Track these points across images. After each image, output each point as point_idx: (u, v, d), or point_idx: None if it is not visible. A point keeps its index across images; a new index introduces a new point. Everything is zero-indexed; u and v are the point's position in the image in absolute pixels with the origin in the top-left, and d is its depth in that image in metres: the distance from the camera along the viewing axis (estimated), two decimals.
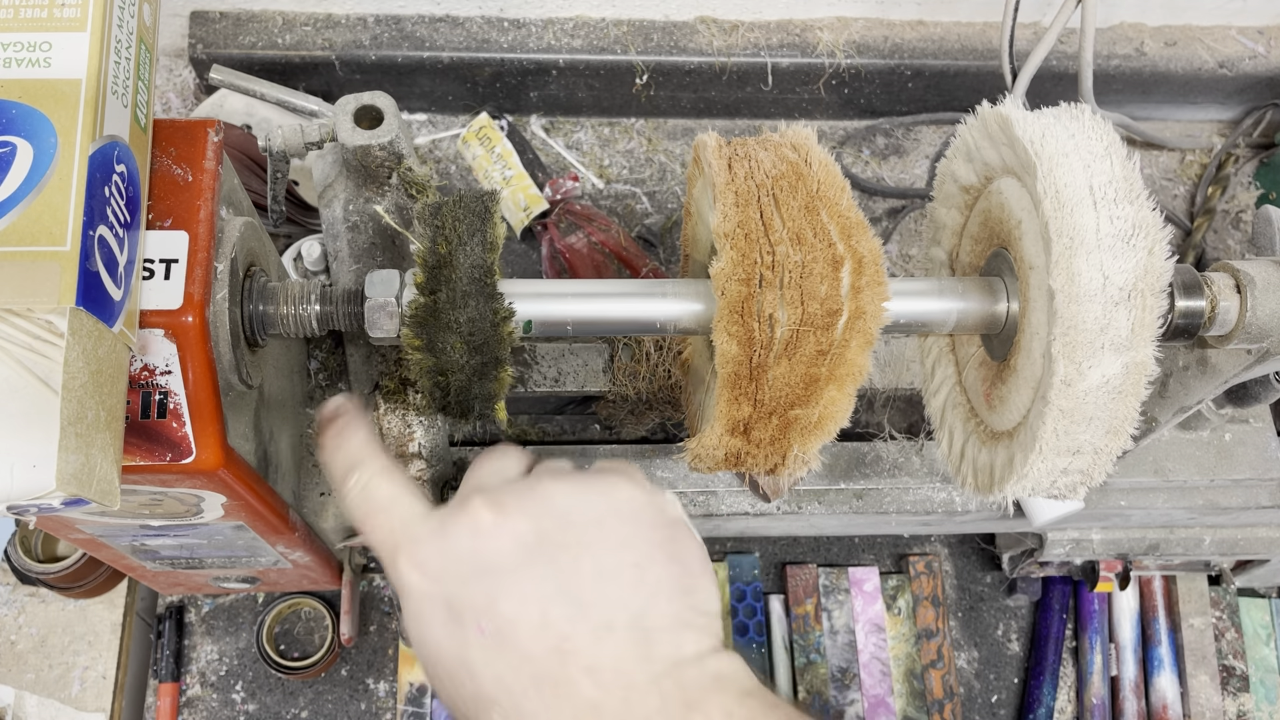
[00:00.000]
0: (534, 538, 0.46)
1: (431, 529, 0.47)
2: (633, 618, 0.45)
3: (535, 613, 0.44)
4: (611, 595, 0.45)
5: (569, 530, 0.47)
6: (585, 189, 1.13)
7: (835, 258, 0.52)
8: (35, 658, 0.96)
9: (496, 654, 0.44)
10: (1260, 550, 0.95)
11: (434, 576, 0.46)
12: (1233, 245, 1.14)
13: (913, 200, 1.14)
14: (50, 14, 0.50)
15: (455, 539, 0.46)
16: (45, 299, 0.46)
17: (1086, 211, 0.51)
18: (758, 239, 0.52)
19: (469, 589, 0.45)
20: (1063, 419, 0.52)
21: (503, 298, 0.56)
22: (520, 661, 0.44)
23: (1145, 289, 0.50)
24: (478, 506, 0.47)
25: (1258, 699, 1.06)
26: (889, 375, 0.82)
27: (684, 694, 0.44)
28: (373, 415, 0.73)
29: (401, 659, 1.01)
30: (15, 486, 0.45)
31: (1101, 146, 0.52)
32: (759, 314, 0.51)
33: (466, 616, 0.45)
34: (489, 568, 0.45)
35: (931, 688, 1.03)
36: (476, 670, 0.44)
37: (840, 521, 0.85)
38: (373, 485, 0.50)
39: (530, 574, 0.45)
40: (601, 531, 0.47)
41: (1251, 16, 1.13)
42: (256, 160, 0.98)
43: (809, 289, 0.51)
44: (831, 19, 1.12)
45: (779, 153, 0.55)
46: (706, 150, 0.56)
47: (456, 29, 1.08)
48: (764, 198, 0.53)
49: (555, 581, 0.45)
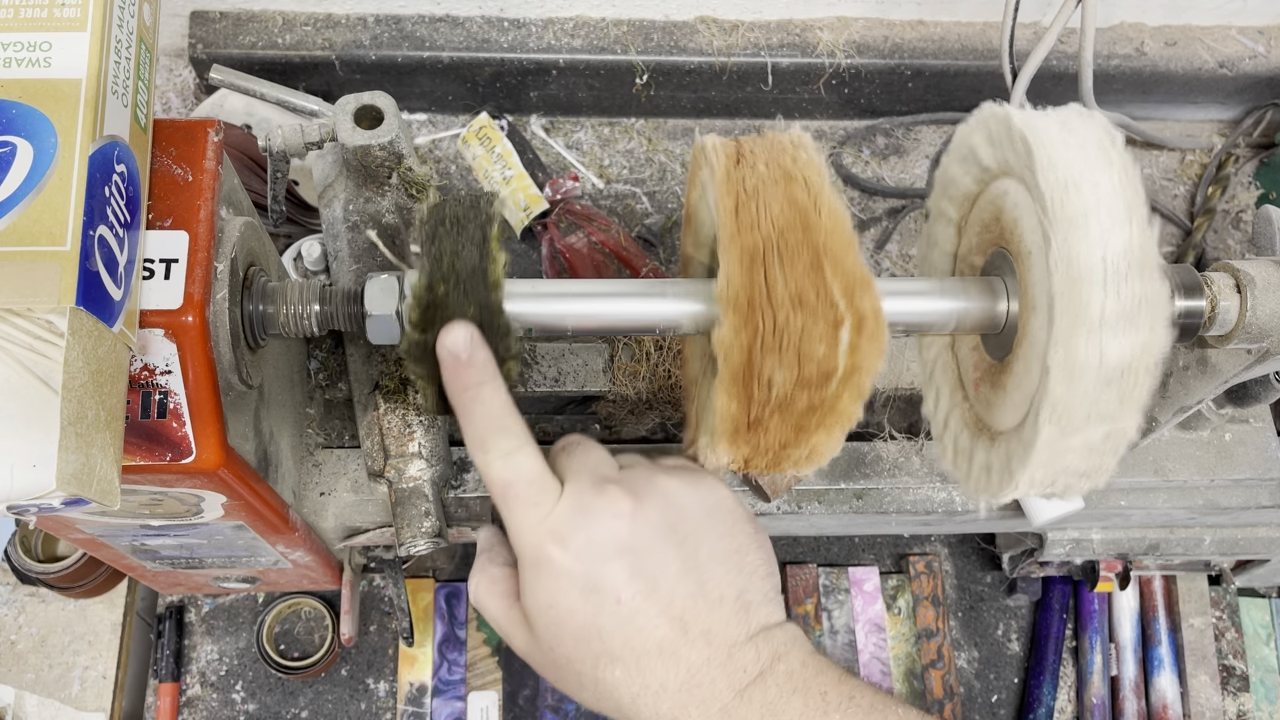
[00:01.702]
0: (664, 526, 0.55)
1: (574, 509, 0.54)
2: (738, 593, 0.55)
3: (666, 589, 0.53)
4: (721, 575, 0.55)
5: (688, 520, 0.56)
6: (585, 189, 1.13)
7: (836, 319, 0.53)
8: (35, 657, 0.96)
9: (628, 621, 0.53)
10: (1260, 550, 0.95)
11: (576, 553, 0.53)
12: (1233, 245, 1.14)
13: (913, 200, 1.14)
14: (50, 14, 0.50)
15: (599, 522, 0.54)
16: (45, 299, 0.46)
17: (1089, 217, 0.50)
18: (760, 305, 0.53)
19: (610, 566, 0.53)
20: (1062, 418, 0.52)
21: (510, 338, 0.56)
22: (650, 629, 0.53)
23: (1143, 269, 0.50)
24: (617, 495, 0.54)
25: (1258, 699, 1.06)
26: (889, 375, 0.82)
27: (773, 648, 0.55)
28: (372, 415, 0.73)
29: (401, 659, 1.01)
30: (15, 486, 0.45)
31: (1094, 143, 0.52)
32: (759, 377, 0.54)
33: (605, 588, 0.53)
34: (628, 548, 0.53)
35: (931, 687, 1.03)
36: (608, 634, 0.53)
37: (840, 521, 0.85)
38: (519, 457, 0.55)
39: (662, 556, 0.54)
40: (712, 522, 0.57)
41: (1251, 16, 1.13)
42: (256, 160, 0.98)
43: (806, 351, 0.53)
44: (831, 19, 1.12)
45: (790, 192, 0.55)
46: (713, 181, 0.55)
47: (456, 29, 1.08)
48: (769, 255, 0.53)
49: (680, 563, 0.54)
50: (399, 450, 0.72)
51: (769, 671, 0.55)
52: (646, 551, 0.54)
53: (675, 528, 0.55)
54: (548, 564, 0.54)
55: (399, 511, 0.72)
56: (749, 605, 0.56)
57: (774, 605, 0.57)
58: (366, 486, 0.78)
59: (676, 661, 0.53)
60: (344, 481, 0.79)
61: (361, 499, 0.79)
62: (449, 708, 1.00)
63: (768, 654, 0.55)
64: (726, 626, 0.55)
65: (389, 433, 0.73)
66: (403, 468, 0.72)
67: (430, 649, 1.01)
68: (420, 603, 1.02)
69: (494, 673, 1.01)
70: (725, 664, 0.54)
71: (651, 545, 0.54)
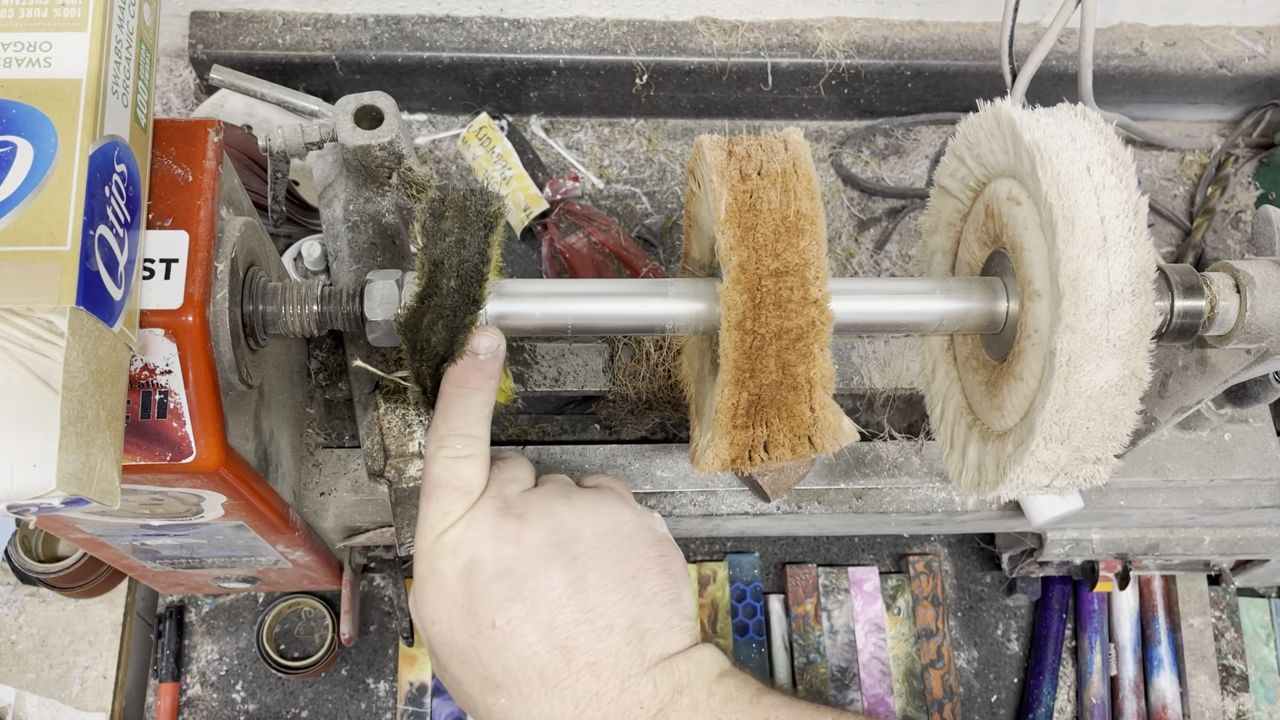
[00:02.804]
0: (551, 548, 0.52)
1: (468, 525, 0.53)
2: (630, 622, 0.52)
3: (545, 614, 0.51)
4: (613, 602, 0.52)
5: (579, 544, 0.53)
6: (585, 189, 1.13)
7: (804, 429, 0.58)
8: (35, 657, 0.96)
9: (506, 647, 0.50)
10: (1260, 550, 0.95)
11: (458, 571, 0.52)
12: (1232, 245, 1.14)
13: (913, 200, 1.14)
14: (50, 14, 0.50)
15: (484, 542, 0.52)
16: (45, 298, 0.46)
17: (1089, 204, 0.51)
18: (750, 427, 0.57)
19: (489, 587, 0.51)
20: (1062, 418, 0.52)
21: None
22: (528, 655, 0.50)
23: (1140, 289, 0.51)
24: (507, 516, 0.53)
25: (1257, 699, 1.06)
26: (889, 375, 0.82)
27: (674, 680, 0.52)
28: (372, 415, 0.73)
29: (402, 659, 1.01)
30: (15, 486, 0.45)
31: (1097, 139, 0.52)
32: (750, 451, 0.57)
33: (481, 611, 0.51)
34: (508, 571, 0.51)
35: (931, 687, 1.03)
36: (487, 658, 0.51)
37: (840, 521, 0.85)
38: (464, 465, 0.55)
39: (544, 580, 0.51)
40: (606, 546, 0.54)
41: (1251, 16, 1.13)
42: (256, 160, 0.98)
43: (778, 458, 0.58)
44: (831, 19, 1.12)
45: (803, 315, 0.55)
46: (728, 301, 0.56)
47: (456, 29, 1.08)
48: (763, 386, 0.56)
49: (566, 588, 0.51)
50: (399, 450, 0.72)
51: (670, 707, 0.51)
52: (528, 575, 0.51)
53: (564, 550, 0.52)
54: (435, 577, 0.52)
55: (399, 511, 0.72)
56: (644, 634, 0.52)
57: (677, 632, 0.54)
58: (366, 486, 0.78)
59: (561, 693, 0.50)
60: (344, 481, 0.79)
61: (361, 499, 0.79)
62: (449, 707, 1.00)
63: (668, 687, 0.52)
64: (617, 658, 0.51)
65: (389, 433, 0.73)
66: (403, 468, 0.72)
67: None
68: None
69: None
70: (618, 699, 0.51)
71: (534, 569, 0.51)
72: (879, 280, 0.83)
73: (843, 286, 0.59)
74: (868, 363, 0.83)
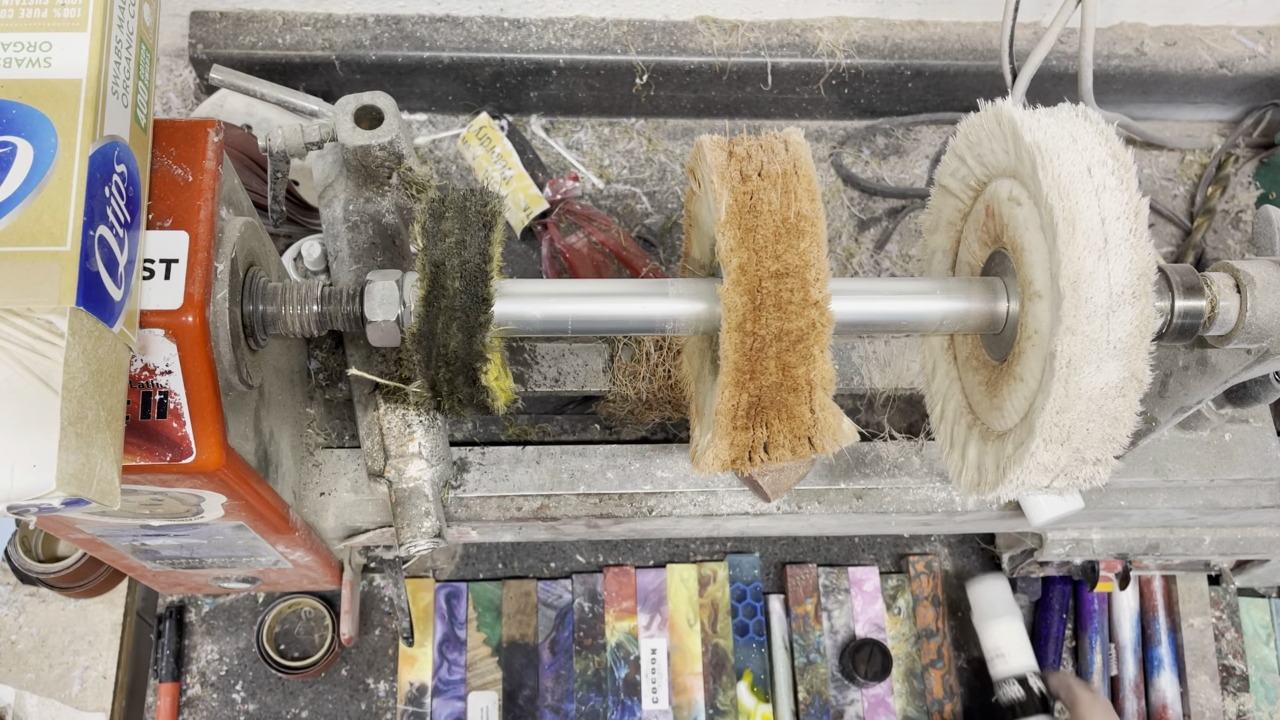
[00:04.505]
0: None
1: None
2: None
3: None
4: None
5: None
6: (585, 189, 1.13)
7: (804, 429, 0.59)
8: (35, 657, 0.96)
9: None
10: (1260, 550, 0.95)
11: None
12: (1233, 245, 1.14)
13: (913, 200, 1.14)
14: (50, 14, 0.50)
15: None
16: (45, 299, 0.46)
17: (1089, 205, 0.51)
18: (750, 428, 0.59)
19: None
20: (1062, 420, 0.52)
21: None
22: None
23: (1141, 291, 0.51)
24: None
25: (1257, 699, 1.06)
26: (889, 375, 0.82)
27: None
28: (373, 415, 0.73)
29: (401, 659, 1.01)
30: (15, 486, 0.45)
31: (1098, 140, 0.52)
32: (750, 452, 0.59)
33: None
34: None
35: (931, 687, 1.03)
36: None
37: (840, 521, 0.85)
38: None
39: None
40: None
41: (1251, 16, 1.13)
42: (256, 160, 0.98)
43: (779, 457, 0.60)
44: (831, 19, 1.12)
45: (803, 317, 0.56)
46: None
47: (456, 29, 1.08)
48: (764, 388, 0.57)
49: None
50: (399, 450, 0.72)
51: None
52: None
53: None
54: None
55: (399, 511, 0.72)
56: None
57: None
58: (366, 486, 0.78)
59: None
60: (344, 481, 0.79)
61: (361, 499, 0.79)
62: (449, 708, 1.00)
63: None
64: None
65: (389, 433, 0.72)
66: (403, 468, 0.72)
67: (430, 649, 1.01)
68: (420, 603, 1.02)
69: (494, 673, 1.01)
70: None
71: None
72: (879, 280, 0.83)
73: (843, 287, 0.59)
74: (868, 363, 0.83)
